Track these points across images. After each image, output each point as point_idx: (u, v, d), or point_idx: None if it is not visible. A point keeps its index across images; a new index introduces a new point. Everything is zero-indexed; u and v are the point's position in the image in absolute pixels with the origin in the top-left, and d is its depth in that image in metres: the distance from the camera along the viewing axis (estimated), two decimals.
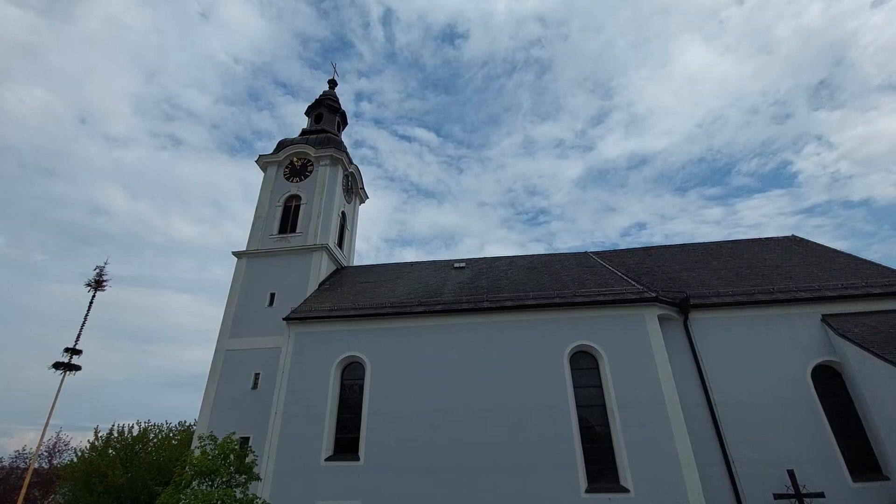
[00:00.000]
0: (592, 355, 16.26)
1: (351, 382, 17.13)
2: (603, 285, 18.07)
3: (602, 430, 15.25)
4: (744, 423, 14.97)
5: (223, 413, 17.92)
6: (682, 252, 22.85)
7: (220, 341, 19.84)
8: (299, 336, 17.66)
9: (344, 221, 26.19)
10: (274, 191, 24.59)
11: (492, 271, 21.42)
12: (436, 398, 15.89)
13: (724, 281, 18.79)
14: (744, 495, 14.09)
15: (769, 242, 22.83)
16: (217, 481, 13.43)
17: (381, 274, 22.82)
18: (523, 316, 17.02)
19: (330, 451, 15.76)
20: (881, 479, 13.87)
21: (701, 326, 16.77)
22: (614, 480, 14.32)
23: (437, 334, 17.11)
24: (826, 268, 19.08)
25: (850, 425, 14.81)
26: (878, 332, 14.92)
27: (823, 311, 16.38)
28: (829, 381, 15.52)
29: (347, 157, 26.35)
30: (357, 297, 19.49)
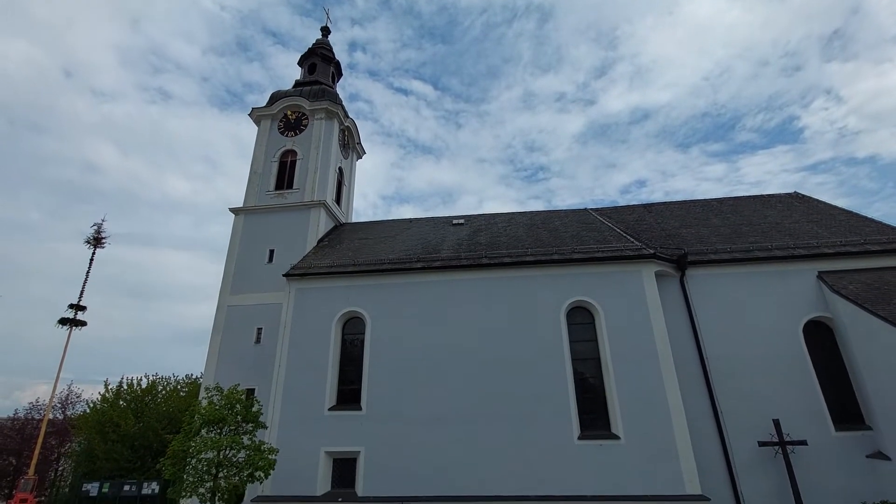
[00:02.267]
0: (589, 310, 16.52)
1: (352, 336, 17.48)
2: (601, 242, 18.07)
3: (596, 381, 15.74)
4: (733, 376, 15.44)
5: (228, 366, 18.42)
6: (682, 209, 22.72)
7: (222, 297, 20.08)
8: (300, 292, 17.84)
9: (341, 177, 25.83)
10: (269, 146, 24.07)
11: (490, 228, 21.36)
12: (435, 351, 16.28)
13: (723, 238, 18.80)
14: (729, 443, 14.76)
15: (771, 199, 22.66)
16: (225, 429, 14.01)
17: (379, 230, 22.77)
18: (522, 272, 17.13)
19: (333, 401, 16.32)
20: (863, 428, 14.49)
21: (697, 282, 16.94)
22: (606, 429, 14.95)
23: (436, 290, 17.29)
24: (826, 225, 19.04)
25: (836, 379, 15.28)
26: (873, 288, 15.09)
27: (820, 267, 16.49)
28: (819, 336, 15.87)
29: (343, 110, 25.62)
30: (356, 253, 19.53)
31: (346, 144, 26.65)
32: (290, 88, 26.47)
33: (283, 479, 14.83)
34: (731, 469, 14.49)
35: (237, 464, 13.47)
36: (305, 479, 15.06)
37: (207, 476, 13.06)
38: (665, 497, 13.63)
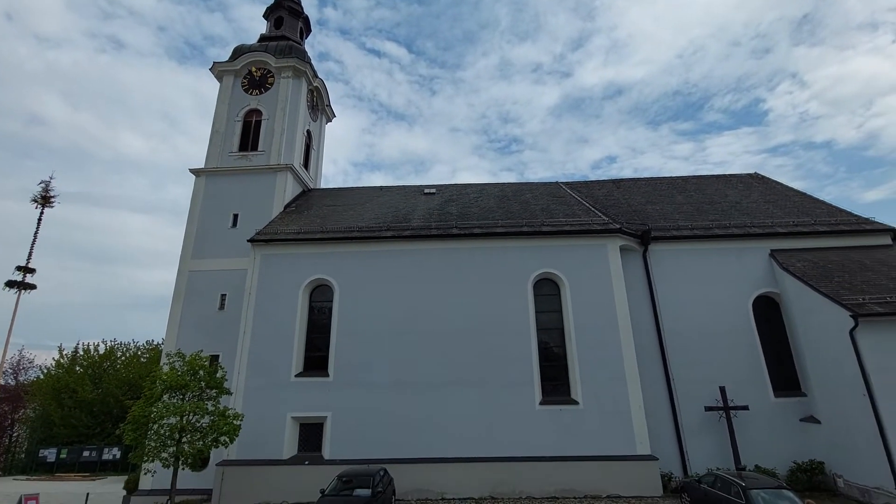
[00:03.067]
0: (555, 282, 16.92)
1: (320, 304, 17.34)
2: (570, 216, 18.36)
3: (559, 350, 16.33)
4: (686, 346, 16.34)
5: (191, 332, 18.01)
6: (648, 185, 23.25)
7: (183, 262, 19.41)
8: (265, 258, 17.43)
9: (310, 141, 24.94)
10: (231, 104, 22.85)
11: (462, 198, 21.30)
12: (404, 319, 16.40)
13: (685, 215, 19.44)
14: (679, 407, 15.76)
15: (732, 179, 23.46)
16: (188, 395, 13.85)
17: (349, 197, 22.32)
18: (491, 243, 17.28)
19: (300, 367, 16.31)
20: (799, 395, 15.74)
21: (658, 257, 17.57)
22: (566, 394, 15.64)
23: (406, 259, 17.25)
24: (781, 205, 19.95)
25: (778, 349, 16.41)
26: (818, 266, 16.06)
27: (773, 246, 17.37)
28: (766, 310, 16.89)
29: (312, 69, 24.48)
30: (325, 220, 19.14)
31: (314, 106, 25.62)
32: (255, 43, 24.98)
33: (248, 444, 14.90)
34: (679, 431, 15.54)
35: (201, 429, 13.41)
36: (272, 443, 15.18)
37: (170, 441, 12.97)
38: (618, 457, 14.54)
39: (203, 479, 15.77)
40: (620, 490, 14.12)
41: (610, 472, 14.35)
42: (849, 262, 16.17)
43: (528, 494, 14.23)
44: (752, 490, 10.59)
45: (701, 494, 12.27)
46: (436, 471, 14.59)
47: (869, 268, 15.61)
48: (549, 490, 14.23)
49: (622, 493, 14.07)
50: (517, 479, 14.42)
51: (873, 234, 17.66)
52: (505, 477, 14.45)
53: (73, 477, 25.81)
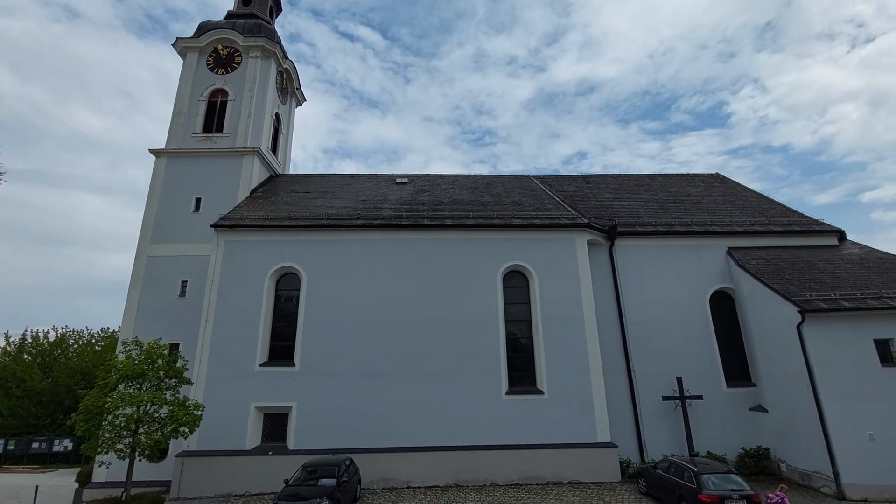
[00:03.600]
0: (524, 274, 17.16)
1: (286, 293, 16.99)
2: (541, 209, 18.60)
3: (526, 342, 16.62)
4: (647, 338, 16.95)
5: (149, 320, 17.31)
6: (616, 182, 23.80)
7: (142, 247, 18.56)
8: (229, 244, 16.89)
9: (278, 124, 24.21)
10: (196, 82, 21.86)
11: (434, 189, 21.22)
12: (373, 309, 16.28)
13: (650, 212, 20.04)
14: (638, 397, 16.38)
15: (695, 179, 24.31)
16: (145, 384, 13.36)
17: (319, 184, 21.86)
18: (462, 234, 17.32)
19: (265, 357, 15.98)
20: (749, 385, 16.63)
21: (624, 252, 18.07)
22: (532, 384, 15.97)
23: (376, 248, 17.09)
24: (739, 205, 20.85)
25: (731, 342, 17.25)
26: (770, 264, 16.90)
27: (730, 243, 18.17)
28: (722, 304, 17.69)
29: (282, 50, 23.69)
30: (293, 206, 18.69)
31: (284, 89, 24.85)
32: (222, 20, 23.93)
33: (210, 435, 14.55)
34: (638, 420, 16.16)
35: (159, 419, 12.99)
36: (234, 433, 14.86)
37: (126, 432, 12.51)
38: (580, 444, 15.00)
39: (161, 470, 15.33)
40: (581, 476, 14.60)
41: (572, 459, 14.80)
42: (799, 260, 17.10)
43: (493, 482, 14.52)
44: (703, 475, 11.17)
45: (656, 479, 12.84)
46: (402, 460, 14.67)
47: (816, 266, 16.55)
48: (512, 477, 14.56)
49: (582, 479, 14.55)
50: (482, 466, 14.68)
51: (822, 235, 18.74)
52: (470, 465, 14.68)
53: (21, 469, 24.60)
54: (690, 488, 11.16)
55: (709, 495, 10.66)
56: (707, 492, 10.74)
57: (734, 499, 10.58)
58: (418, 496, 13.60)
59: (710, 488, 10.82)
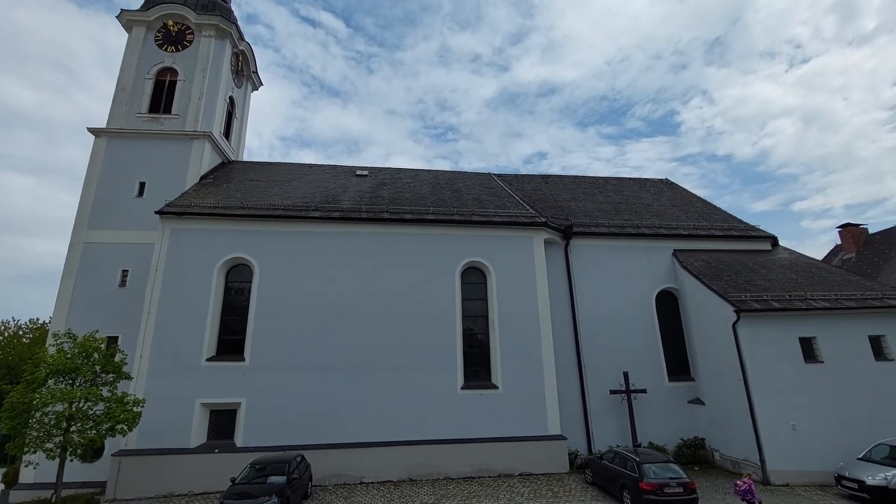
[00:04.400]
0: (482, 271, 17.36)
1: (237, 285, 16.34)
2: (500, 207, 18.87)
3: (482, 337, 16.85)
4: (597, 335, 17.62)
5: (85, 311, 16.15)
6: (574, 183, 24.51)
7: (77, 232, 17.27)
8: (176, 232, 16.02)
9: (232, 108, 23.16)
10: (142, 59, 20.50)
11: (395, 182, 21.04)
12: (329, 302, 15.96)
13: (604, 213, 20.80)
14: (588, 390, 17.01)
15: (646, 183, 25.45)
16: (79, 380, 12.49)
17: (274, 173, 21.13)
18: (422, 229, 17.28)
19: (212, 351, 15.32)
20: (689, 380, 17.67)
21: (578, 251, 18.66)
22: (487, 379, 16.22)
23: (333, 241, 16.73)
24: (685, 210, 22.04)
25: (674, 339, 18.25)
26: (711, 266, 17.99)
27: (676, 246, 19.18)
28: (667, 303, 18.66)
29: (238, 30, 22.65)
30: (246, 195, 17.96)
31: (239, 71, 23.78)
32: None
33: (151, 433, 13.82)
34: (587, 413, 16.80)
35: (94, 417, 12.19)
36: (177, 431, 14.18)
37: (56, 430, 11.66)
38: (531, 437, 15.40)
39: (96, 470, 14.44)
40: (532, 468, 15.02)
41: (523, 451, 15.18)
42: (736, 263, 18.30)
43: (446, 475, 14.66)
44: (644, 464, 11.79)
45: (602, 469, 13.42)
46: (355, 455, 14.53)
47: (751, 269, 17.78)
48: (465, 470, 14.77)
49: (533, 471, 14.97)
50: (436, 461, 14.78)
51: (757, 240, 20.15)
52: (424, 459, 14.75)
53: None
54: (633, 477, 11.75)
55: (649, 483, 11.28)
56: (648, 480, 11.36)
57: (672, 486, 11.26)
58: (371, 491, 13.53)
59: (650, 477, 11.44)
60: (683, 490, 11.27)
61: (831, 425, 14.09)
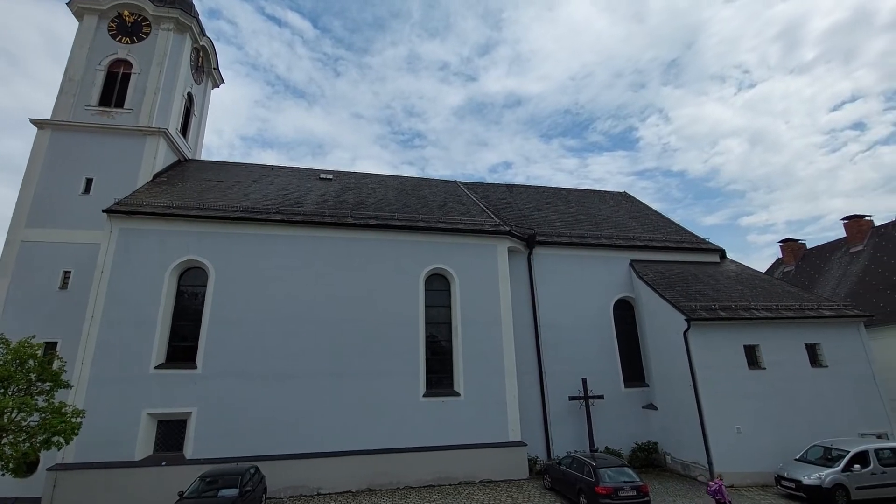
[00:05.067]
0: (446, 278, 17.40)
1: (191, 289, 15.65)
2: (465, 215, 19.02)
3: (446, 344, 16.85)
4: (558, 342, 17.99)
5: (20, 314, 15.02)
6: (537, 193, 25.06)
7: (14, 230, 16.07)
8: (125, 233, 15.19)
9: (190, 105, 22.31)
10: (94, 50, 19.45)
11: (360, 187, 20.82)
12: (288, 308, 15.53)
13: (566, 223, 21.37)
14: (548, 397, 17.31)
15: (606, 195, 26.36)
16: (12, 388, 11.54)
17: (234, 173, 20.46)
18: (387, 235, 17.16)
19: (161, 358, 14.56)
20: (643, 386, 18.30)
21: (540, 260, 19.05)
22: (449, 386, 16.22)
23: (295, 245, 16.33)
24: (642, 222, 22.96)
25: (630, 346, 18.89)
26: (664, 276, 18.79)
27: (632, 257, 19.92)
28: (624, 311, 19.32)
29: (199, 24, 21.90)
30: (203, 195, 17.29)
31: (199, 67, 22.96)
32: None
33: (91, 445, 12.97)
34: (546, 418, 17.07)
35: (27, 428, 11.28)
36: (121, 443, 13.37)
37: None
38: (492, 444, 15.49)
39: (30, 486, 13.38)
40: (492, 475, 15.09)
41: (484, 458, 15.23)
42: (688, 274, 19.20)
43: (406, 484, 14.50)
44: (600, 469, 12.10)
45: (560, 474, 13.66)
46: (313, 466, 14.13)
47: (701, 280, 18.70)
48: (426, 478, 14.66)
49: (493, 478, 15.04)
50: (396, 470, 14.60)
51: (707, 252, 21.23)
52: (384, 468, 14.54)
53: None
54: (589, 481, 12.03)
55: (604, 487, 11.58)
56: (603, 484, 11.66)
57: (626, 489, 11.60)
58: (328, 503, 13.19)
59: (605, 481, 11.75)
60: (637, 493, 11.63)
61: (772, 428, 14.95)
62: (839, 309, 17.12)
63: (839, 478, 12.82)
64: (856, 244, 25.48)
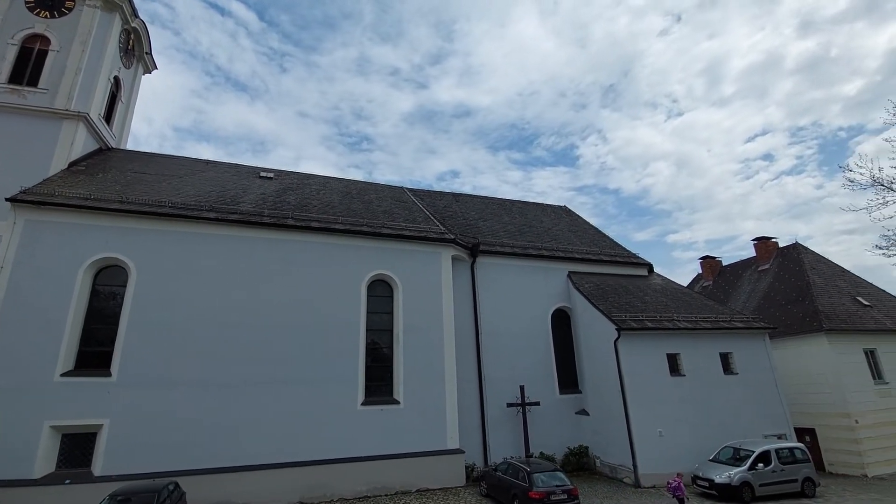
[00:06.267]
0: (389, 284, 17.21)
1: (108, 289, 14.33)
2: (410, 221, 18.97)
3: (387, 351, 16.61)
4: (498, 350, 18.34)
5: None
6: (483, 203, 25.55)
7: None
8: (32, 224, 13.66)
9: (117, 90, 20.60)
10: (7, 21, 17.46)
11: (303, 188, 20.17)
12: (222, 312, 14.61)
13: (509, 234, 21.94)
14: (486, 404, 17.54)
15: (548, 209, 27.40)
16: None
17: (164, 166, 19.09)
18: (330, 239, 16.71)
19: (70, 364, 13.16)
20: (577, 392, 19.06)
21: (484, 269, 19.39)
22: (389, 394, 15.97)
23: (228, 245, 15.44)
24: (580, 235, 24.07)
25: (566, 355, 19.65)
26: (599, 288, 19.78)
27: (570, 268, 20.81)
28: (560, 320, 20.08)
29: (131, 5, 20.34)
30: (127, 188, 15.95)
31: (129, 50, 21.31)
32: None
33: None
34: (484, 425, 17.28)
35: None
36: (17, 459, 11.89)
37: None
38: (430, 452, 15.40)
39: None
40: (430, 483, 14.98)
41: (422, 467, 15.10)
42: (619, 286, 20.33)
43: (341, 496, 14.04)
44: (534, 474, 12.41)
45: (496, 481, 13.83)
46: (239, 480, 13.29)
47: (631, 292, 19.86)
48: (361, 490, 14.27)
49: (430, 486, 14.94)
50: (331, 481, 14.10)
51: (637, 266, 22.63)
52: (318, 480, 13.99)
53: None
54: (523, 487, 12.28)
55: (537, 492, 11.87)
56: (536, 489, 11.95)
57: (558, 493, 11.97)
58: None
59: (539, 486, 12.06)
60: (567, 496, 12.04)
61: (690, 431, 16.11)
62: (748, 321, 18.85)
63: (746, 476, 14.05)
64: (763, 263, 28.22)
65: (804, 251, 26.60)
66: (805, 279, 24.09)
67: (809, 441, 20.15)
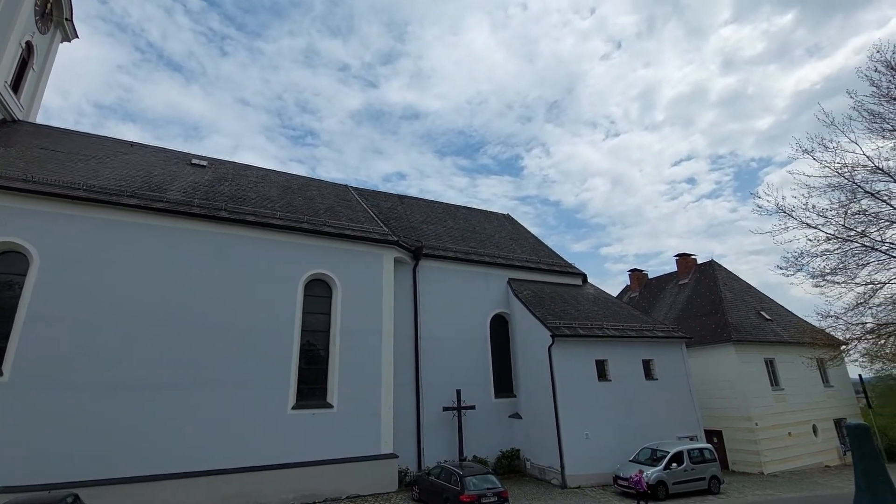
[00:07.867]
0: (328, 284, 16.70)
1: (2, 276, 12.71)
2: (353, 220, 18.56)
3: (322, 353, 16.06)
4: (436, 354, 18.36)
5: None
6: (428, 207, 25.58)
7: None
8: None
9: (28, 56, 18.46)
10: None
11: (239, 179, 19.11)
12: (137, 308, 13.41)
13: (453, 239, 22.11)
14: (423, 407, 17.47)
15: (491, 216, 27.95)
16: None
17: (80, 144, 17.32)
18: (266, 234, 15.92)
19: None
20: (511, 396, 19.51)
21: (426, 272, 19.37)
22: (322, 398, 15.43)
23: (151, 236, 14.25)
24: (521, 244, 24.77)
25: (502, 360, 20.06)
26: (536, 295, 20.43)
27: (510, 275, 21.34)
28: (499, 326, 20.50)
29: None
30: (33, 165, 14.29)
31: (46, 14, 19.20)
32: None
33: None
34: (420, 429, 17.19)
35: None
36: None
37: None
38: (363, 458, 15.04)
39: None
40: (361, 489, 14.62)
41: (354, 472, 14.70)
42: (555, 294, 21.12)
43: None
44: (466, 477, 12.49)
45: (428, 485, 13.77)
46: (153, 490, 12.22)
47: (566, 300, 20.69)
48: (288, 498, 13.63)
49: (362, 492, 14.58)
50: (256, 489, 13.33)
51: (572, 276, 23.63)
52: (240, 489, 13.17)
53: None
54: (454, 490, 12.32)
55: (469, 495, 11.95)
56: (468, 492, 12.03)
57: (488, 496, 12.13)
58: None
59: (470, 489, 12.15)
60: (498, 499, 12.22)
61: (614, 433, 16.98)
62: (668, 331, 20.27)
63: (661, 475, 15.03)
64: (683, 277, 30.54)
65: (718, 268, 29.11)
66: (718, 294, 26.34)
67: (717, 442, 21.96)
